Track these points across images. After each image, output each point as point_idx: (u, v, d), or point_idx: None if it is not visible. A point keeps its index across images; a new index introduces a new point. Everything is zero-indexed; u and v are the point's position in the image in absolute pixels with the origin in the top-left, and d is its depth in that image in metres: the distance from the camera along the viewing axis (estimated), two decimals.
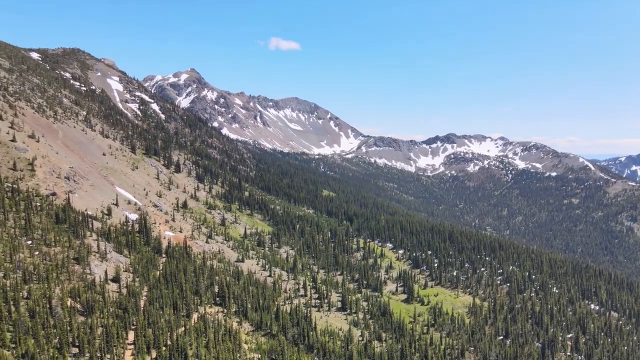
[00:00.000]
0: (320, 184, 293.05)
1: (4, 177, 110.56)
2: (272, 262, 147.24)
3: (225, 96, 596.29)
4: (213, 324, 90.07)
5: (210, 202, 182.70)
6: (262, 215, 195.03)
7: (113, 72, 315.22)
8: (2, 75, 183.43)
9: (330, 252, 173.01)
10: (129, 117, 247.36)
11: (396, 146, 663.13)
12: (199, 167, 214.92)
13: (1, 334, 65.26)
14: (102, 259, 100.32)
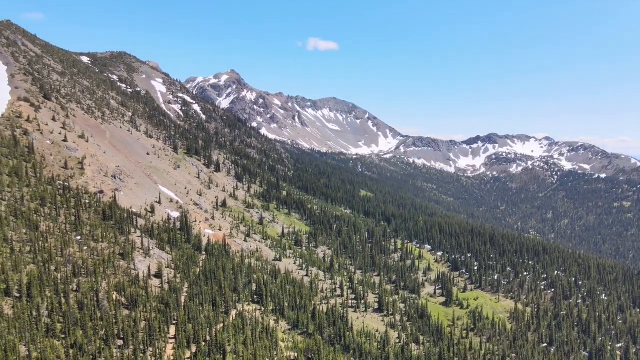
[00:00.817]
0: (357, 184, 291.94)
1: (56, 175, 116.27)
2: (309, 262, 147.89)
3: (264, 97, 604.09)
4: (251, 322, 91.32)
5: (248, 201, 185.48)
6: (299, 215, 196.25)
7: (157, 74, 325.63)
8: (56, 79, 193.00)
9: (368, 252, 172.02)
10: (172, 118, 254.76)
11: (435, 146, 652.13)
12: (238, 167, 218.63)
13: (52, 324, 68.58)
14: (146, 255, 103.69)
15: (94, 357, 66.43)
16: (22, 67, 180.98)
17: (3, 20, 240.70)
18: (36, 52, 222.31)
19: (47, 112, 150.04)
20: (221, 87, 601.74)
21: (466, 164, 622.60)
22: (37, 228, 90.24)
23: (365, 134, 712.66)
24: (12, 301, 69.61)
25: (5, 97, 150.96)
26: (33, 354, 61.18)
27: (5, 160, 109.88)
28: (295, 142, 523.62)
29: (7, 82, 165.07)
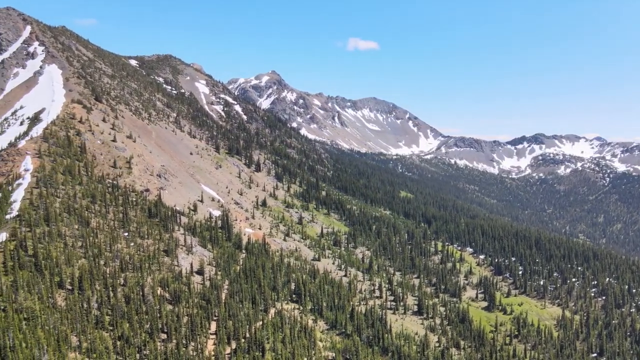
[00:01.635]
0: (397, 185, 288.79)
1: (105, 173, 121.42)
2: (347, 262, 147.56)
3: (304, 97, 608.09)
4: (289, 320, 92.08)
5: (288, 201, 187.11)
6: (338, 215, 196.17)
7: (200, 76, 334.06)
8: (106, 82, 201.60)
9: (407, 254, 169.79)
10: (214, 118, 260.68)
11: (478, 147, 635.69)
12: (278, 167, 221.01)
13: (101, 316, 71.68)
14: (188, 252, 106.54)
15: (140, 349, 68.87)
16: (76, 71, 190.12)
17: (58, 27, 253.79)
18: (88, 56, 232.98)
19: (98, 114, 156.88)
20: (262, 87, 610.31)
21: (510, 165, 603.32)
22: (88, 224, 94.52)
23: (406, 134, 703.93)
24: (65, 293, 73.24)
25: (60, 100, 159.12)
26: (83, 344, 64.12)
27: (60, 160, 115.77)
28: (335, 143, 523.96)
29: (62, 85, 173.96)
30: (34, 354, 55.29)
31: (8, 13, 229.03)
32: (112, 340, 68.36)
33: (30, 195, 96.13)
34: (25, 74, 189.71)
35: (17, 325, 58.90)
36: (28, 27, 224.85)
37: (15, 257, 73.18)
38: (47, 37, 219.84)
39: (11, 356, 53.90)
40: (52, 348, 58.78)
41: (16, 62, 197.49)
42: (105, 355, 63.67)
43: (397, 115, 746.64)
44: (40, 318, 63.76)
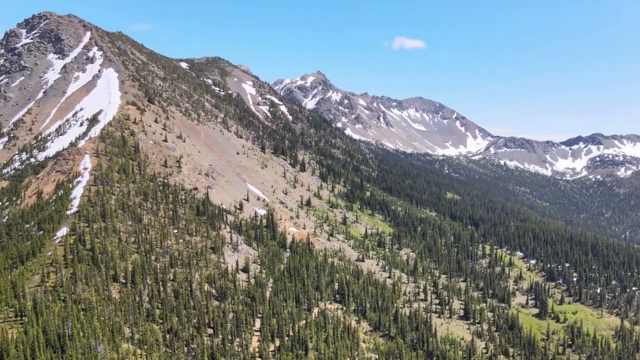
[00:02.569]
0: (443, 186, 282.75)
1: (157, 172, 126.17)
2: (392, 264, 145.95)
3: (349, 97, 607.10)
4: (332, 320, 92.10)
5: (332, 201, 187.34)
6: (382, 216, 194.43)
7: (247, 77, 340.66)
8: (158, 84, 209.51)
9: (453, 257, 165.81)
10: (260, 119, 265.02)
11: (529, 147, 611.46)
12: (322, 167, 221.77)
13: (152, 309, 74.49)
14: (234, 250, 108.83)
15: (188, 343, 71.01)
16: (131, 74, 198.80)
17: (115, 32, 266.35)
18: (142, 59, 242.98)
19: (151, 115, 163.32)
20: (307, 88, 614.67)
21: (565, 167, 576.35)
22: (141, 221, 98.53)
23: (453, 134, 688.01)
24: (119, 286, 76.68)
25: (116, 102, 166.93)
26: (135, 335, 66.85)
27: (116, 159, 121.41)
28: (380, 143, 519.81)
29: (118, 87, 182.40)
30: (90, 343, 58.18)
31: (70, 20, 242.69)
32: (162, 333, 70.84)
33: (89, 193, 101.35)
34: (85, 77, 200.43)
35: (76, 315, 62.19)
36: (88, 33, 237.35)
37: (75, 251, 77.37)
38: (105, 42, 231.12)
39: (69, 344, 56.97)
40: (107, 338, 61.64)
41: (77, 67, 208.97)
42: (156, 347, 66.07)
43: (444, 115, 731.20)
44: (96, 309, 67.05)
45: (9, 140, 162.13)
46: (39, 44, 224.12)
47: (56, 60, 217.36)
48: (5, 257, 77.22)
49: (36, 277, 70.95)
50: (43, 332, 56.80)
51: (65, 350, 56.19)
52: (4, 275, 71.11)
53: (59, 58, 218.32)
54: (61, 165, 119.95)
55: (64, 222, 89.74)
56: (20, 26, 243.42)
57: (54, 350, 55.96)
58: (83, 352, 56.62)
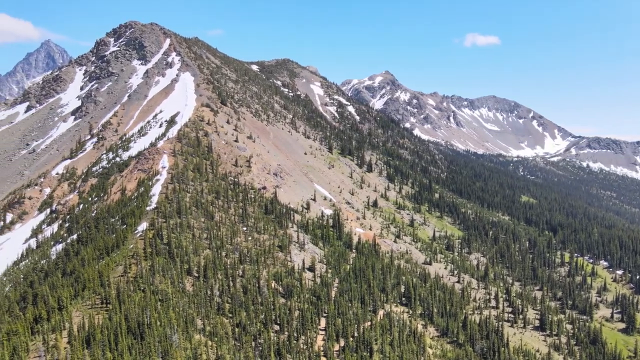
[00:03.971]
0: (518, 189, 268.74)
1: (228, 171, 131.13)
2: (461, 268, 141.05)
3: (418, 97, 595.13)
4: (398, 323, 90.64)
5: (399, 202, 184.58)
6: (452, 219, 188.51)
7: (316, 78, 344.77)
8: (230, 86, 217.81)
9: (528, 263, 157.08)
10: (328, 119, 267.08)
11: (617, 148, 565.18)
12: (389, 167, 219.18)
13: (222, 304, 77.46)
14: (301, 249, 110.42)
15: (255, 337, 73.02)
16: (205, 77, 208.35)
17: (192, 38, 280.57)
18: (216, 63, 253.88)
19: (223, 116, 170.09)
20: (375, 88, 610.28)
21: None
22: (213, 218, 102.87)
23: (529, 135, 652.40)
24: (192, 280, 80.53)
25: (192, 104, 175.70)
26: (207, 327, 69.84)
27: (191, 158, 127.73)
28: (450, 143, 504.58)
29: (194, 90, 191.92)
30: (166, 332, 61.57)
31: (152, 28, 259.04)
32: (231, 327, 73.41)
33: (166, 190, 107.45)
34: (164, 81, 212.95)
35: (153, 305, 66.10)
36: (167, 39, 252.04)
37: (153, 245, 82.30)
38: (183, 48, 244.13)
39: (148, 332, 60.65)
40: (181, 328, 64.92)
41: (157, 72, 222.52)
42: (225, 340, 68.60)
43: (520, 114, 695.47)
44: (171, 300, 70.85)
45: (98, 141, 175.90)
46: (124, 51, 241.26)
47: (139, 66, 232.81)
48: (94, 249, 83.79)
49: (120, 267, 76.28)
50: (125, 319, 60.89)
51: (144, 338, 59.88)
52: (92, 265, 77.20)
53: (142, 64, 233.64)
54: (142, 164, 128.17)
55: (144, 217, 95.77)
56: (108, 35, 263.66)
57: (134, 337, 59.82)
58: (160, 340, 60.02)
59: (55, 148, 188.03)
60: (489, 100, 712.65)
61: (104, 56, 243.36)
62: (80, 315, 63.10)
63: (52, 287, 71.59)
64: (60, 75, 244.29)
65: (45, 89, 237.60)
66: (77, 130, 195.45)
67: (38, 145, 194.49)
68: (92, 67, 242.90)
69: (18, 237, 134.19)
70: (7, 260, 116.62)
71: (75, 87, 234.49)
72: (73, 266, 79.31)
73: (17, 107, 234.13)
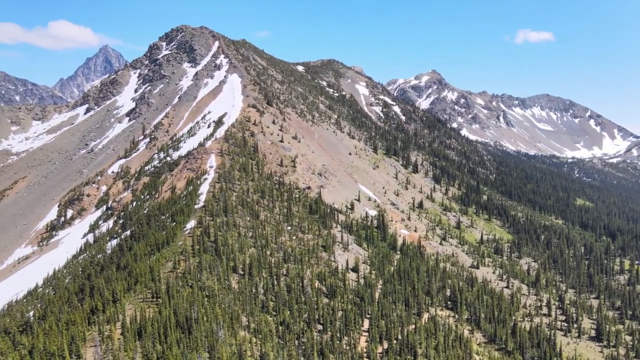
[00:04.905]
0: (573, 192, 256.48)
1: (273, 171, 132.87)
2: (510, 273, 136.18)
3: (465, 96, 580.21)
4: (443, 327, 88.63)
5: (445, 204, 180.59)
6: (500, 222, 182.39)
7: (361, 78, 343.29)
8: (276, 87, 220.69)
9: (583, 270, 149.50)
10: (373, 119, 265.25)
11: None
12: (436, 168, 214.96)
13: (266, 301, 78.53)
14: (344, 249, 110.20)
15: (298, 336, 73.52)
16: (252, 79, 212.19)
17: (239, 40, 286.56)
18: (263, 64, 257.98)
19: (269, 116, 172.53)
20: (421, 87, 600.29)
21: None
22: (258, 217, 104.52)
23: (585, 135, 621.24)
24: (238, 277, 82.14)
25: (239, 105, 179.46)
26: (251, 325, 71.01)
27: (237, 158, 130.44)
28: (499, 144, 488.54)
29: (241, 91, 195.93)
30: (212, 327, 63.12)
31: (202, 32, 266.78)
32: (275, 325, 74.28)
33: (213, 189, 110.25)
34: (212, 83, 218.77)
35: (201, 301, 67.96)
36: (216, 42, 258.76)
37: (201, 242, 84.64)
38: (231, 50, 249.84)
39: (195, 327, 62.41)
40: (227, 324, 66.36)
41: (206, 74, 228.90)
42: (269, 338, 69.50)
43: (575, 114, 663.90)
44: (218, 297, 72.57)
45: (150, 141, 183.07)
46: (176, 54, 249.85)
47: (189, 68, 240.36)
48: (145, 244, 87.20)
49: (169, 263, 78.96)
50: (174, 313, 62.94)
51: (191, 332, 61.65)
52: (143, 260, 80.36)
53: (192, 66, 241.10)
54: (191, 163, 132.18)
55: (192, 215, 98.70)
56: (161, 39, 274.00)
57: (182, 331, 61.71)
58: (206, 335, 61.59)
59: (111, 148, 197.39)
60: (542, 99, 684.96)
61: (157, 59, 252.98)
62: (133, 307, 65.79)
63: (107, 280, 75.15)
64: (117, 79, 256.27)
65: (103, 92, 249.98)
66: (131, 130, 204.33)
67: (96, 145, 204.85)
68: (146, 70, 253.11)
69: (77, 232, 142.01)
70: (67, 254, 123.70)
71: (130, 90, 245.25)
72: (126, 261, 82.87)
73: (77, 109, 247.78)
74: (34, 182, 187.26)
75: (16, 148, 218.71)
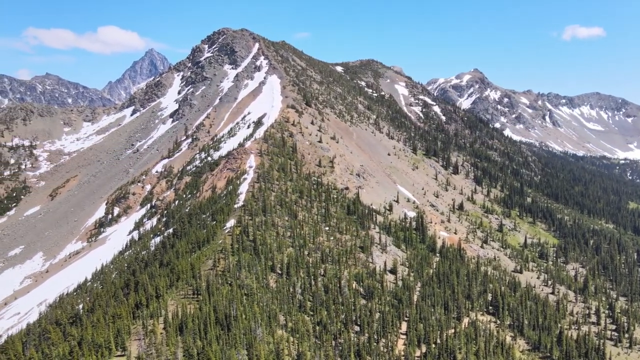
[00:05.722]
0: (625, 195, 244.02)
1: (311, 171, 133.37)
2: (556, 279, 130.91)
3: (509, 95, 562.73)
4: (484, 333, 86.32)
5: (487, 206, 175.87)
6: (546, 225, 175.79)
7: (400, 78, 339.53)
8: (315, 88, 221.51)
9: (636, 277, 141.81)
10: (412, 120, 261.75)
11: None
12: (477, 169, 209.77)
13: (304, 301, 78.95)
14: (382, 250, 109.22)
15: (335, 337, 73.51)
16: (291, 80, 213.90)
17: (279, 41, 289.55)
18: (302, 65, 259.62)
19: (307, 117, 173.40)
20: (463, 87, 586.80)
21: None
22: (296, 217, 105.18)
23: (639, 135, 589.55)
24: (276, 276, 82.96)
25: (278, 105, 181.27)
26: (289, 324, 71.58)
27: (276, 158, 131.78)
28: (545, 144, 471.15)
29: (280, 92, 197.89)
30: (250, 325, 64.05)
31: (242, 34, 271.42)
32: (312, 325, 74.54)
33: (252, 189, 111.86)
34: (252, 84, 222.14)
35: (239, 299, 69.09)
36: (256, 44, 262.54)
37: (240, 241, 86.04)
38: (270, 52, 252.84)
39: (234, 324, 63.50)
40: (265, 323, 67.16)
41: (246, 75, 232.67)
42: (306, 337, 69.82)
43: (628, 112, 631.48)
44: (256, 295, 73.57)
45: (192, 141, 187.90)
46: (217, 56, 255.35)
47: (230, 70, 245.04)
48: (187, 242, 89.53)
49: (209, 261, 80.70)
50: (213, 310, 64.27)
51: (230, 329, 62.77)
52: (185, 257, 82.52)
53: (233, 68, 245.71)
54: (231, 163, 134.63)
55: (232, 214, 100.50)
56: (203, 42, 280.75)
57: (221, 328, 62.92)
58: (245, 332, 62.56)
59: (155, 148, 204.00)
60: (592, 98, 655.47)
61: (199, 62, 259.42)
62: (175, 303, 67.68)
63: (150, 276, 77.65)
64: (161, 81, 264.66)
65: (148, 94, 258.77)
66: (174, 131, 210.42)
67: (141, 145, 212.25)
68: (189, 73, 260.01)
69: (123, 228, 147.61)
70: (114, 250, 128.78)
71: (174, 92, 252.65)
72: (169, 258, 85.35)
73: (124, 111, 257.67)
74: (84, 180, 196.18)
75: (68, 148, 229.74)
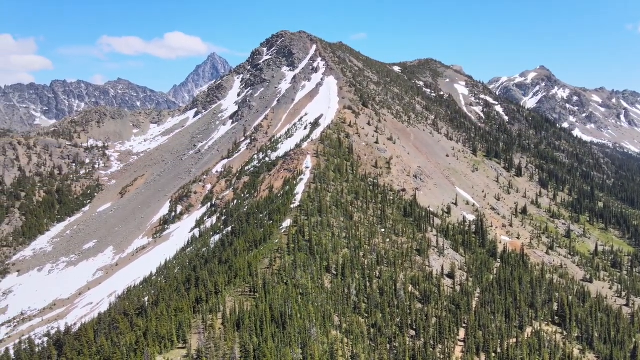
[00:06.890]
0: None
1: (368, 173, 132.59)
2: (631, 290, 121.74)
3: (579, 93, 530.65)
4: (549, 344, 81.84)
5: (553, 210, 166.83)
6: (620, 232, 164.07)
7: (460, 77, 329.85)
8: (372, 88, 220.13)
9: None
10: (472, 120, 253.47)
11: None
12: (542, 172, 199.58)
13: (359, 303, 78.55)
14: (440, 254, 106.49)
15: (390, 340, 72.51)
16: (348, 80, 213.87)
17: (336, 43, 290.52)
18: (359, 66, 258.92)
19: (364, 118, 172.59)
20: (527, 85, 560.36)
21: None
22: (351, 218, 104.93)
23: None
24: (331, 277, 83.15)
25: (335, 107, 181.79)
26: (343, 325, 71.46)
27: (332, 159, 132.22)
28: (619, 145, 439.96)
29: (337, 93, 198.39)
30: (305, 325, 64.57)
31: (300, 36, 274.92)
32: (367, 327, 73.97)
33: (309, 189, 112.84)
34: (309, 85, 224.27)
35: (295, 298, 69.87)
36: (314, 46, 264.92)
37: (296, 241, 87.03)
38: (327, 53, 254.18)
39: (289, 323, 64.32)
40: (319, 323, 67.46)
41: (304, 77, 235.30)
42: (361, 339, 69.37)
43: None
44: (311, 295, 74.07)
45: (251, 142, 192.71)
46: (275, 59, 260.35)
47: (288, 72, 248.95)
48: (245, 241, 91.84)
49: (266, 260, 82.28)
50: (269, 308, 65.43)
51: (285, 328, 63.63)
52: (243, 255, 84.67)
53: (290, 70, 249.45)
54: (288, 164, 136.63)
55: (288, 214, 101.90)
56: (262, 45, 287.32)
57: (277, 326, 63.93)
58: (299, 332, 63.16)
59: (216, 149, 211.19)
60: None
61: (258, 64, 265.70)
62: (232, 300, 69.59)
63: (210, 272, 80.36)
64: (222, 84, 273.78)
65: (210, 97, 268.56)
66: (233, 132, 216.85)
67: (203, 146, 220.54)
68: (248, 75, 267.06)
69: (185, 226, 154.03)
70: (177, 246, 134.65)
71: (234, 94, 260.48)
72: (227, 255, 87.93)
73: (188, 113, 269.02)
74: (150, 179, 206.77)
75: (136, 149, 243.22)
